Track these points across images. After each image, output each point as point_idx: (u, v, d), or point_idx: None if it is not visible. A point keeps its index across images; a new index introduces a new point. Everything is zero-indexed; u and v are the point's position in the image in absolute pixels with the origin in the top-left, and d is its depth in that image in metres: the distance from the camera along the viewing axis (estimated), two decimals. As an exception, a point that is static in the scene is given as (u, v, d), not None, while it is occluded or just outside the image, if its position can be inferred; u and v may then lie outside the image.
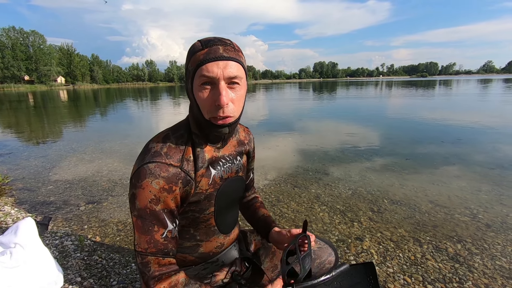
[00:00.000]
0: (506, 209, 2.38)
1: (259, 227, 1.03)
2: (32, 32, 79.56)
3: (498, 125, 6.55)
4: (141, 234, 0.69)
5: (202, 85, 0.69)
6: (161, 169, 0.69)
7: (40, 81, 79.19)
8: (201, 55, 0.68)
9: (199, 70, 0.68)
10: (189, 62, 0.71)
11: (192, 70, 0.69)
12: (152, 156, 0.70)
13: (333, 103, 13.88)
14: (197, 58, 0.68)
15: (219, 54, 0.68)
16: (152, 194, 0.68)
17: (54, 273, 1.21)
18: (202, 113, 0.72)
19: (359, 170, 3.50)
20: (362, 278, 1.28)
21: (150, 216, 0.68)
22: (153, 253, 0.69)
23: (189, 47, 0.74)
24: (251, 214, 1.07)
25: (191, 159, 0.75)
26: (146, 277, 0.69)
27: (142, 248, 0.69)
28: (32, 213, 2.37)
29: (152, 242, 0.69)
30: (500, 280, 1.55)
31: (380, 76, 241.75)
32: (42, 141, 5.70)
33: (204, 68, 0.67)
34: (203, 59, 0.67)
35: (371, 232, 2.06)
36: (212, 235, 0.88)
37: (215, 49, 0.68)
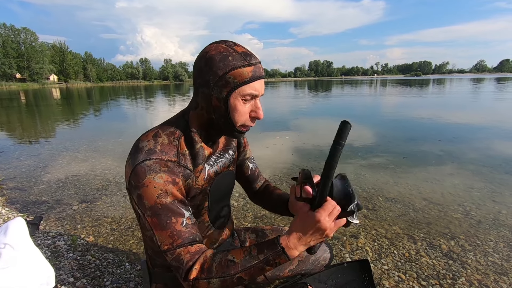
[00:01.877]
0: (498, 206, 2.41)
1: (277, 204, 0.98)
2: (23, 29, 78.23)
3: (491, 123, 6.65)
4: (161, 231, 0.67)
5: (244, 99, 0.72)
6: (160, 165, 0.68)
7: (32, 79, 77.98)
8: (249, 72, 0.69)
9: (246, 86, 0.70)
10: (228, 71, 0.69)
11: (236, 83, 0.69)
12: (147, 154, 0.69)
13: (328, 102, 13.93)
14: (244, 74, 0.69)
15: (261, 73, 0.73)
16: (158, 189, 0.66)
17: (45, 274, 1.18)
18: (232, 121, 0.73)
19: (354, 168, 3.51)
20: (357, 275, 1.29)
21: (163, 210, 0.67)
22: (180, 244, 0.66)
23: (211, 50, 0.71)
24: (268, 200, 1.03)
25: (187, 153, 0.75)
26: (181, 271, 0.66)
27: (168, 244, 0.66)
28: (24, 213, 2.33)
29: (175, 234, 0.66)
30: (493, 276, 1.57)
31: (375, 75, 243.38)
32: (34, 140, 5.62)
33: (252, 86, 0.70)
34: (252, 78, 0.70)
35: (366, 229, 2.07)
36: (206, 231, 0.88)
37: (259, 67, 0.72)
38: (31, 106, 14.32)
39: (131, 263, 1.65)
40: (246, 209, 2.41)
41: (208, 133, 0.79)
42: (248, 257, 0.65)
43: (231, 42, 0.72)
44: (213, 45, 0.71)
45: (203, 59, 0.70)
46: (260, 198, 1.06)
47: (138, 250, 1.79)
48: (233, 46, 0.71)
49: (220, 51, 0.69)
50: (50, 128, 7.23)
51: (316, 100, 14.86)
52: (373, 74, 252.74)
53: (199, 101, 0.74)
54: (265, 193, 1.04)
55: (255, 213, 2.34)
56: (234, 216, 2.28)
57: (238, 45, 0.72)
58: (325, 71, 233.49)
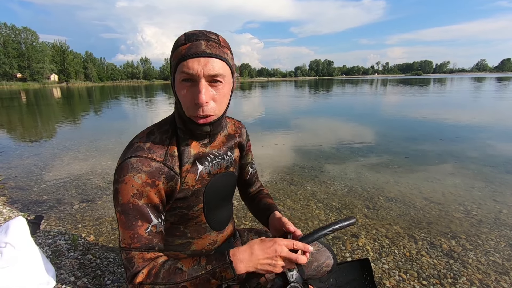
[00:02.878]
0: (499, 206, 2.41)
1: (260, 212, 0.98)
2: (24, 29, 78.25)
3: (493, 123, 6.63)
4: (124, 229, 0.67)
5: (183, 82, 0.67)
6: (143, 164, 0.68)
7: (32, 78, 78.05)
8: (183, 49, 0.66)
9: (180, 65, 0.66)
10: (172, 55, 0.69)
11: (174, 64, 0.67)
12: (135, 151, 0.69)
13: (329, 101, 13.91)
14: (179, 52, 0.66)
15: (200, 50, 0.65)
16: (134, 188, 0.67)
17: (46, 273, 1.19)
18: (183, 109, 0.71)
19: (355, 167, 3.51)
20: (358, 275, 1.29)
21: (133, 211, 0.67)
22: (137, 248, 0.66)
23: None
24: (255, 204, 1.04)
25: (176, 154, 0.74)
26: (129, 274, 0.66)
27: (126, 244, 0.66)
28: (25, 212, 2.33)
29: (135, 237, 0.66)
30: (494, 276, 1.56)
31: (376, 74, 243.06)
32: (35, 140, 5.62)
33: (185, 64, 0.65)
34: (185, 55, 0.65)
35: (366, 229, 2.07)
36: (204, 232, 0.86)
37: (197, 44, 0.65)
38: (32, 106, 14.33)
39: (132, 262, 1.65)
40: (246, 208, 2.41)
41: (188, 129, 0.75)
42: (196, 266, 0.65)
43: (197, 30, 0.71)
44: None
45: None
46: (249, 201, 1.08)
47: (139, 250, 1.79)
48: (191, 30, 0.70)
49: (177, 38, 0.70)
50: (50, 128, 7.23)
51: (317, 100, 14.84)
52: (374, 73, 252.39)
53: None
54: (255, 199, 1.05)
55: (255, 212, 2.34)
56: (235, 215, 2.28)
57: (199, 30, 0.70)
58: (325, 70, 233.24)
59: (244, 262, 0.66)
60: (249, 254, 0.66)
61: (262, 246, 0.67)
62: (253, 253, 0.66)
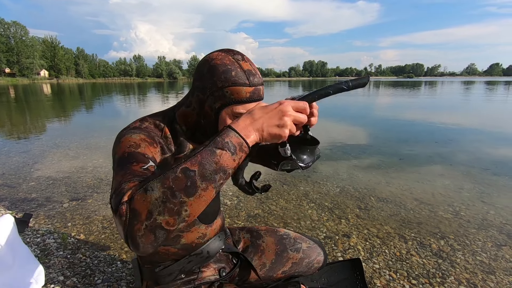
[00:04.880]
0: (487, 207, 2.46)
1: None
2: (13, 23, 76.42)
3: (483, 126, 6.78)
4: (116, 175, 0.57)
5: (236, 116, 0.71)
6: (141, 131, 0.70)
7: (22, 74, 76.35)
8: (247, 93, 0.69)
9: (241, 106, 0.69)
10: (226, 86, 0.68)
11: (232, 100, 0.69)
12: (131, 129, 0.71)
13: (322, 102, 13.97)
14: (242, 93, 0.69)
15: (261, 96, 0.72)
16: (131, 141, 0.65)
17: (35, 272, 1.16)
18: (216, 126, 0.74)
19: (347, 168, 3.54)
20: (349, 274, 1.31)
21: (128, 157, 0.61)
22: (129, 180, 0.54)
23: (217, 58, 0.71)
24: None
25: (170, 138, 0.77)
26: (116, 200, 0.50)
27: (117, 183, 0.54)
28: (13, 210, 2.28)
29: (128, 173, 0.56)
30: (481, 275, 1.60)
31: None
32: (23, 136, 5.50)
33: (247, 107, 0.70)
34: (249, 99, 0.70)
35: (358, 229, 2.09)
36: (192, 225, 0.86)
37: (259, 89, 0.71)
38: (21, 102, 14.03)
39: (123, 262, 1.63)
40: (239, 208, 2.41)
41: (192, 132, 0.80)
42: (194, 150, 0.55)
43: (240, 55, 0.72)
44: (221, 53, 0.71)
45: (207, 65, 0.71)
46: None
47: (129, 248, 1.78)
48: (240, 61, 0.70)
49: (226, 63, 0.69)
50: (40, 124, 7.09)
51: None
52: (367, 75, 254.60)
53: (193, 101, 0.75)
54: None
55: (248, 212, 2.34)
56: (227, 215, 2.27)
57: (246, 60, 0.72)
58: (319, 71, 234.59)
59: (246, 127, 0.57)
60: (251, 119, 0.58)
61: (265, 109, 0.59)
62: (256, 117, 0.58)
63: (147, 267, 0.89)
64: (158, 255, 0.86)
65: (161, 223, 0.49)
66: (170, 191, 0.50)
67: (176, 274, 0.87)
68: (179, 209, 0.50)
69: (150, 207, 0.49)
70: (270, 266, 1.01)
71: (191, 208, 0.51)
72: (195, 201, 0.51)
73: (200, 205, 0.52)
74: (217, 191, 0.55)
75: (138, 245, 0.50)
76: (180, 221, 0.51)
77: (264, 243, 1.05)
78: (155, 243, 0.50)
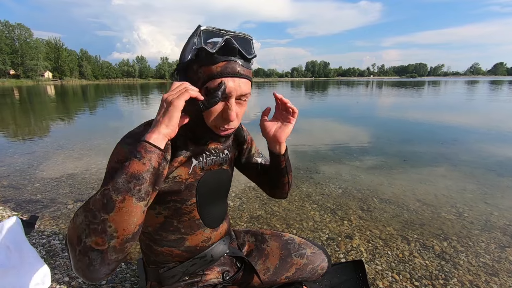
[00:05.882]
0: (490, 208, 2.45)
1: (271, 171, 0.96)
2: (18, 25, 77.16)
3: (488, 126, 6.73)
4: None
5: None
6: (135, 138, 0.70)
7: (26, 75, 77.04)
8: (218, 67, 0.66)
9: (213, 81, 0.66)
10: (200, 66, 0.67)
11: (204, 78, 0.67)
12: (129, 137, 0.72)
13: (324, 102, 13.98)
14: (212, 68, 0.66)
15: (236, 71, 0.67)
16: (120, 155, 0.67)
17: (41, 273, 1.18)
18: (204, 119, 0.72)
19: (350, 169, 3.54)
20: (352, 275, 1.31)
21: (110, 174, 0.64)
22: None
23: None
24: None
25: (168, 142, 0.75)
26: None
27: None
28: (18, 212, 2.31)
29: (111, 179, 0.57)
30: (484, 277, 1.60)
31: (371, 76, 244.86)
32: (28, 138, 5.55)
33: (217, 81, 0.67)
34: (220, 73, 0.66)
35: (360, 230, 2.09)
36: (197, 229, 0.87)
37: (233, 65, 0.67)
38: (25, 103, 14.15)
39: (127, 263, 1.65)
40: (242, 209, 2.42)
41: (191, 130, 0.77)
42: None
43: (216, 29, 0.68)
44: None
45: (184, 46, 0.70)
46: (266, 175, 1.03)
47: (134, 249, 1.79)
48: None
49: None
50: (44, 126, 7.15)
51: (313, 101, 14.90)
52: (369, 75, 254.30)
53: None
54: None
55: (251, 213, 2.35)
56: (231, 216, 2.28)
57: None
58: (321, 71, 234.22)
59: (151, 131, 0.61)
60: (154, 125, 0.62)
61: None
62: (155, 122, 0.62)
63: (152, 268, 0.90)
64: (162, 255, 0.87)
65: (90, 245, 0.51)
66: (91, 213, 0.52)
67: (180, 276, 0.88)
68: (103, 227, 0.52)
69: (78, 233, 0.52)
70: (274, 271, 1.01)
71: (114, 223, 0.52)
72: (116, 215, 0.53)
73: (124, 217, 0.53)
74: (141, 198, 0.56)
75: (79, 271, 0.54)
76: (110, 238, 0.52)
77: (268, 248, 1.05)
78: (91, 266, 0.52)
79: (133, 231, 0.56)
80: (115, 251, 0.54)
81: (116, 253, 0.54)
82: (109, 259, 0.53)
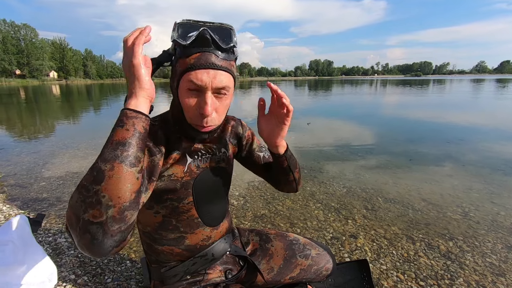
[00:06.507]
0: (497, 208, 2.43)
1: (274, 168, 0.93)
2: (23, 26, 77.98)
3: (495, 125, 6.66)
4: None
5: (188, 90, 0.68)
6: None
7: (32, 75, 77.87)
8: (191, 59, 0.65)
9: (187, 74, 0.66)
10: (177, 59, 0.67)
11: (179, 71, 0.67)
12: None
13: (329, 101, 13.92)
14: (186, 61, 0.65)
15: (210, 62, 0.65)
16: None
17: (47, 271, 1.19)
18: (185, 115, 0.72)
19: (354, 168, 3.52)
20: (356, 275, 1.31)
21: None
22: None
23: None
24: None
25: (162, 136, 0.75)
26: None
27: None
28: (25, 210, 2.34)
29: None
30: (490, 277, 1.58)
31: (375, 75, 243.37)
32: (34, 137, 5.61)
33: (193, 75, 0.65)
34: (193, 65, 0.65)
35: (365, 229, 2.08)
36: (196, 227, 0.86)
37: (207, 56, 0.65)
38: (31, 103, 14.30)
39: (132, 261, 1.66)
40: (246, 208, 2.42)
41: (183, 128, 0.76)
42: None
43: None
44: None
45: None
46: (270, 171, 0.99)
47: (139, 248, 1.80)
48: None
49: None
50: (49, 125, 7.22)
51: (317, 100, 14.85)
52: (374, 74, 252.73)
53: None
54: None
55: (254, 212, 2.35)
56: (234, 215, 2.29)
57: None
58: (325, 70, 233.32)
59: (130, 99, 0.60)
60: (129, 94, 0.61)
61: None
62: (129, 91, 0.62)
63: (154, 267, 0.91)
64: (163, 254, 0.87)
65: (88, 219, 0.51)
66: (85, 188, 0.52)
67: (181, 275, 0.88)
68: (97, 199, 0.51)
69: (75, 211, 0.52)
70: (278, 271, 1.00)
71: (107, 191, 0.52)
72: (107, 184, 0.52)
73: (116, 184, 0.53)
74: (131, 164, 0.55)
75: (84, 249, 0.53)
76: (106, 208, 0.51)
77: (273, 248, 1.04)
78: (94, 240, 0.51)
79: (130, 198, 0.54)
80: (115, 221, 0.52)
81: (116, 223, 0.52)
82: (111, 230, 0.52)
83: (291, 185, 0.96)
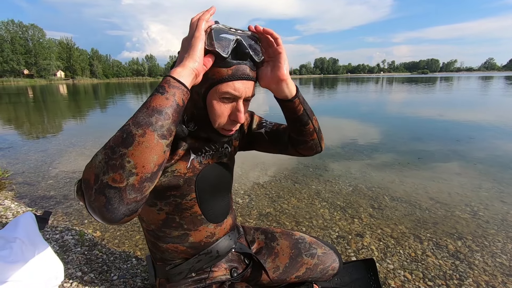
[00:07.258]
0: (507, 207, 2.38)
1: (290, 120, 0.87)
2: (31, 26, 79.11)
3: (505, 123, 6.54)
4: None
5: (222, 99, 0.69)
6: None
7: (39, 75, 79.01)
8: (229, 71, 0.66)
9: (224, 84, 0.67)
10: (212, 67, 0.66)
11: (213, 79, 0.67)
12: None
13: (333, 99, 13.83)
14: (223, 71, 0.66)
15: (246, 74, 0.68)
16: None
17: (54, 268, 1.20)
18: (211, 120, 0.72)
19: (360, 166, 3.49)
20: (363, 274, 1.29)
21: None
22: None
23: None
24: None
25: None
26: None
27: None
28: (32, 207, 2.36)
29: None
30: (500, 277, 1.55)
31: (381, 73, 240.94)
32: (41, 136, 5.69)
33: (231, 85, 0.67)
34: (232, 76, 0.66)
35: (371, 228, 2.06)
36: (200, 224, 0.86)
37: (243, 68, 0.68)
38: (39, 102, 14.49)
39: (138, 258, 1.67)
40: (251, 206, 2.42)
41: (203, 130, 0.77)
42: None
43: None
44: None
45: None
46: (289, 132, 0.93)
47: (145, 246, 1.81)
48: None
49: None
50: (57, 124, 7.31)
51: (322, 98, 14.77)
52: (379, 71, 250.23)
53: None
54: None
55: (259, 210, 2.34)
56: (239, 214, 2.28)
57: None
58: (330, 68, 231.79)
59: (176, 67, 0.59)
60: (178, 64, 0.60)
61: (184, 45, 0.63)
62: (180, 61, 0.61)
63: (159, 265, 0.91)
64: (168, 252, 0.87)
65: (107, 182, 0.49)
66: (111, 150, 0.51)
67: (186, 273, 0.88)
68: (121, 163, 0.49)
69: (96, 171, 0.50)
70: (284, 269, 1.00)
71: (133, 157, 0.50)
72: (135, 149, 0.50)
73: (144, 152, 0.51)
74: (163, 136, 0.53)
75: (96, 212, 0.50)
76: (128, 175, 0.50)
77: (278, 246, 1.03)
78: (109, 205, 0.49)
79: (152, 170, 0.52)
80: (134, 190, 0.51)
81: (134, 192, 0.51)
82: (128, 198, 0.50)
83: (313, 138, 0.88)
